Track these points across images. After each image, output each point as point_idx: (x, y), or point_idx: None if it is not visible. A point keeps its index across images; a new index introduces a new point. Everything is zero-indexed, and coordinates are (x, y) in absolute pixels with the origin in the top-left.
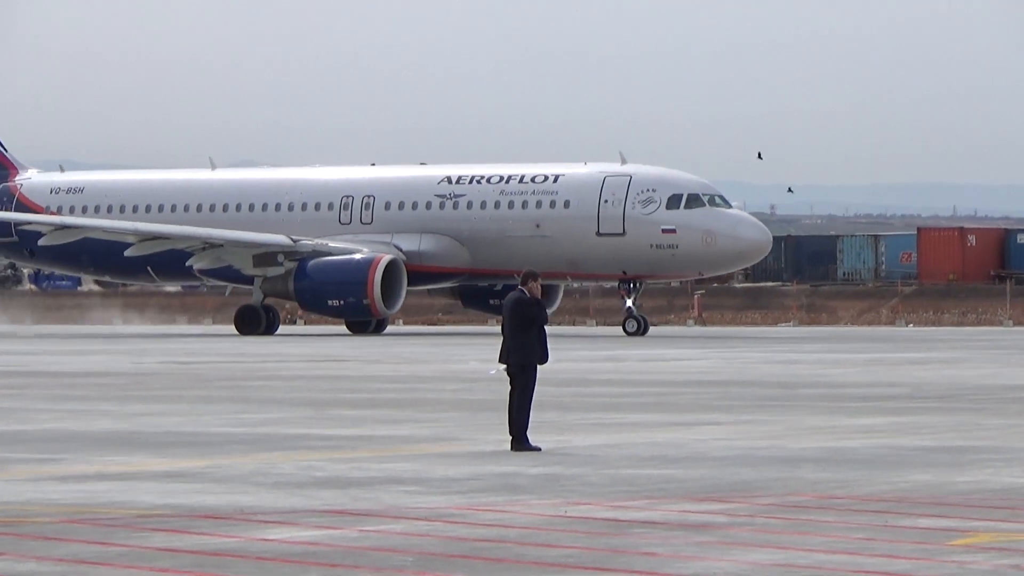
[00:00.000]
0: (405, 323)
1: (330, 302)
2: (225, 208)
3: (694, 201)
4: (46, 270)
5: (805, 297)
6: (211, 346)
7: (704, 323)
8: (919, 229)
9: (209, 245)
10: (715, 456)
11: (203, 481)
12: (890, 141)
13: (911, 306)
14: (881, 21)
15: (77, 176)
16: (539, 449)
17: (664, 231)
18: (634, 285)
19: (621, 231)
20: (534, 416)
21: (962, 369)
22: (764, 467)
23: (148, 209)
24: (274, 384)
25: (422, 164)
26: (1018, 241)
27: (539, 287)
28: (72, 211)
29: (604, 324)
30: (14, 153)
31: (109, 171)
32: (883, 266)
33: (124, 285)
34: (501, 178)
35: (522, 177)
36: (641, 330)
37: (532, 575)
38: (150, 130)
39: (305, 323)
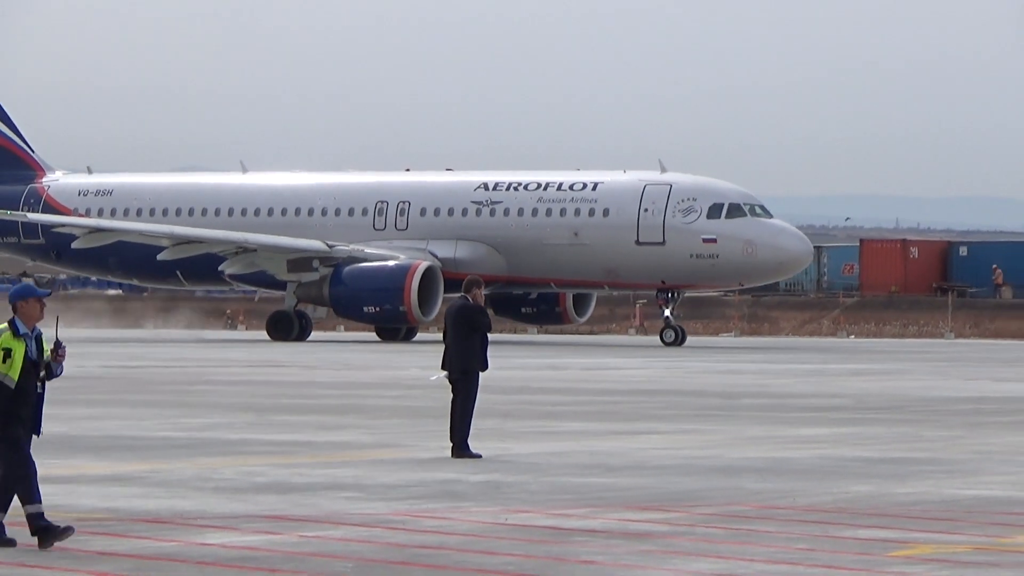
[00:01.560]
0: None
1: (366, 308)
2: (257, 212)
3: (735, 211)
4: (72, 274)
5: (747, 307)
6: (154, 351)
7: (646, 332)
8: (862, 241)
9: (243, 250)
10: (656, 465)
11: (144, 485)
12: (834, 153)
13: (853, 317)
14: (829, 31)
15: (105, 178)
16: (480, 456)
17: (705, 240)
18: (672, 295)
19: (661, 240)
20: (476, 423)
21: (903, 381)
22: (705, 477)
23: (178, 213)
24: (216, 389)
25: (448, 169)
26: (960, 254)
27: (482, 295)
28: (100, 214)
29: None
30: (40, 155)
31: (138, 173)
32: (825, 277)
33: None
34: (539, 185)
35: (560, 184)
36: (679, 340)
37: None
38: (174, 133)
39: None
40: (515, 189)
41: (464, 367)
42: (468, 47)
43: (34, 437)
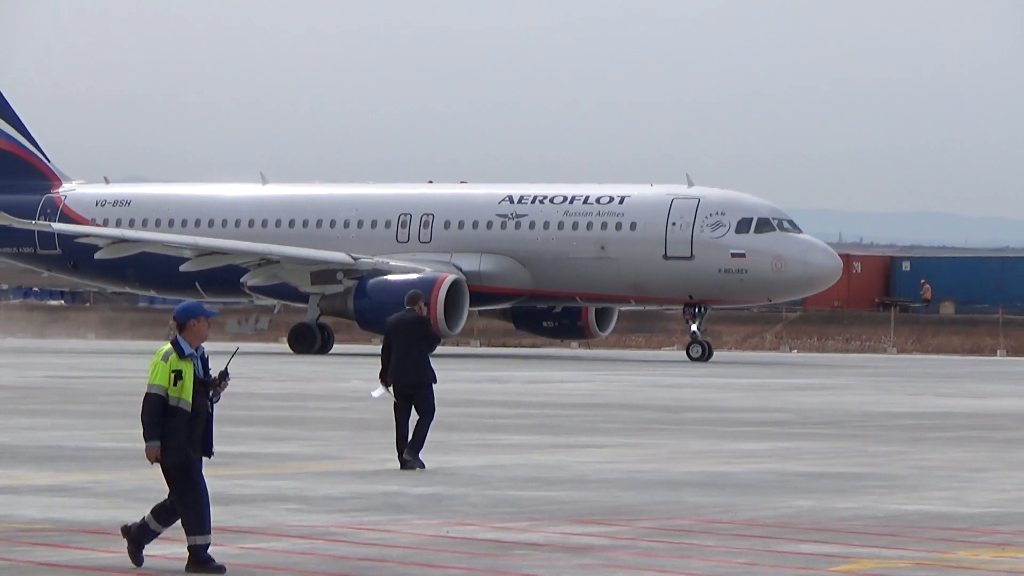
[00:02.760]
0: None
1: None
2: (278, 224)
3: (764, 225)
4: (89, 285)
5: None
6: (96, 361)
7: (588, 346)
8: None
9: (266, 261)
10: (598, 479)
11: (85, 496)
12: (776, 167)
13: (795, 332)
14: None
15: (123, 189)
16: (424, 467)
17: (733, 255)
18: (699, 310)
19: (689, 255)
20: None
21: (846, 396)
22: (647, 490)
23: (198, 224)
24: None
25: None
26: (903, 269)
27: (424, 307)
28: (119, 224)
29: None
30: (56, 164)
31: (156, 184)
32: None
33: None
34: (565, 198)
35: (586, 198)
36: (705, 355)
37: None
38: (191, 144)
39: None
40: (540, 202)
41: (420, 380)
42: (491, 58)
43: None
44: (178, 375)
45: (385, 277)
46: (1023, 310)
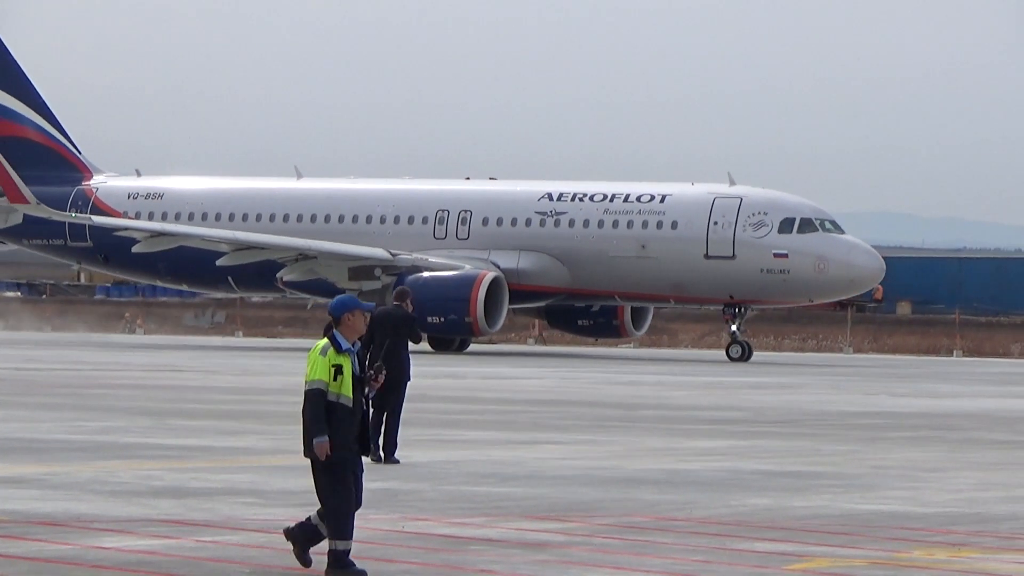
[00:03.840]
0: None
1: (430, 319)
2: (313, 219)
3: (807, 226)
4: (120, 278)
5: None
6: (52, 353)
7: (544, 342)
8: None
9: (303, 256)
10: (554, 475)
11: (40, 488)
12: (736, 165)
13: (752, 331)
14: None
15: (156, 181)
16: (398, 462)
17: (776, 255)
18: (739, 310)
19: (731, 254)
20: (374, 432)
21: (802, 394)
22: (603, 487)
23: (232, 218)
24: (114, 393)
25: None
26: None
27: (411, 304)
28: (151, 217)
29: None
30: (87, 156)
31: (189, 177)
32: None
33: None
34: (604, 196)
35: (627, 196)
36: (745, 356)
37: None
38: (222, 137)
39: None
40: (580, 200)
41: (403, 376)
42: (527, 53)
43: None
44: (338, 370)
45: (424, 274)
46: (980, 311)
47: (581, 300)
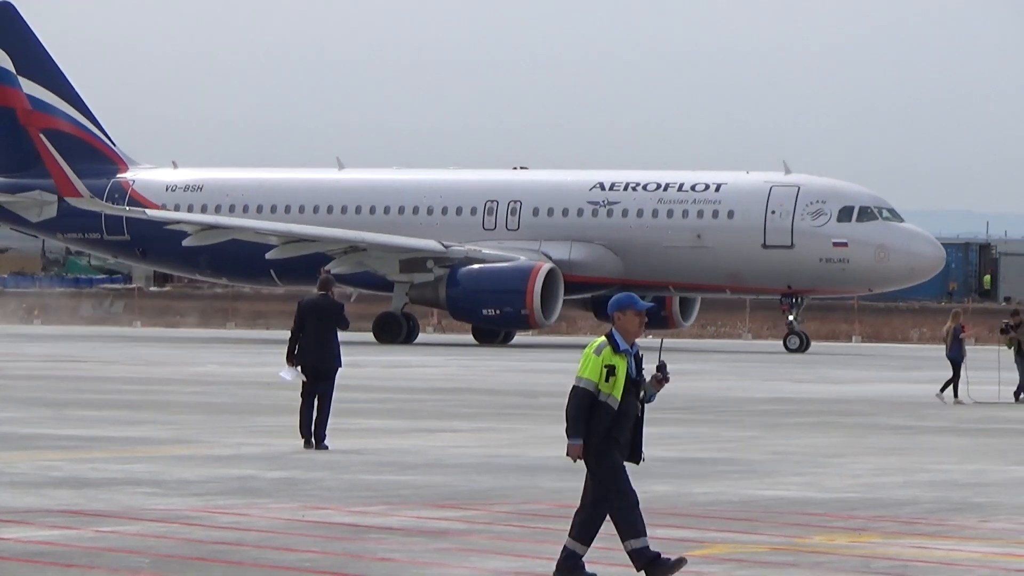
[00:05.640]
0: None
1: (485, 311)
2: (358, 210)
3: (866, 214)
4: (158, 271)
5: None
6: None
7: (444, 330)
8: None
9: (352, 249)
10: (454, 463)
11: None
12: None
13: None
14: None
15: (195, 173)
16: (327, 448)
17: (835, 244)
18: (796, 300)
19: (789, 244)
20: (272, 420)
21: (702, 381)
22: (503, 475)
23: (273, 209)
24: (12, 383)
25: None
26: None
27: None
28: (190, 210)
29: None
30: (122, 148)
31: (228, 168)
32: None
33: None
34: (658, 185)
35: (681, 185)
36: (803, 347)
37: None
38: (259, 127)
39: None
40: (633, 189)
41: (329, 364)
42: (573, 41)
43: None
44: (611, 371)
45: (478, 266)
46: (879, 297)
47: (634, 291)
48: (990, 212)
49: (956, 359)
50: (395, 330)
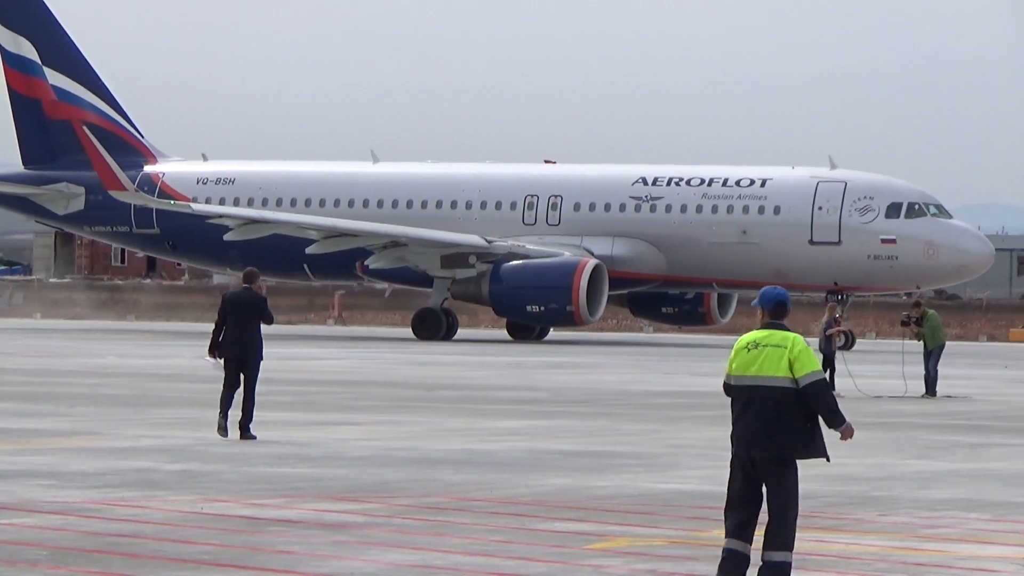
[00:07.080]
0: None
1: (529, 308)
2: (395, 204)
3: (915, 211)
4: (188, 265)
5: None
6: None
7: (344, 323)
8: None
9: (392, 244)
10: (353, 456)
11: None
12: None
13: None
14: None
15: (226, 166)
16: (255, 437)
17: (884, 241)
18: (841, 297)
19: (836, 240)
20: (172, 413)
21: (601, 374)
22: (402, 468)
23: (307, 203)
24: None
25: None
26: None
27: (263, 286)
28: (222, 203)
29: None
30: (151, 140)
31: (260, 161)
32: None
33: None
34: (702, 180)
35: (725, 180)
36: (850, 344)
37: (168, 572)
38: (290, 120)
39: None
40: (676, 184)
41: (257, 356)
42: (610, 33)
43: None
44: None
45: (522, 262)
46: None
47: (677, 287)
48: None
49: (826, 353)
50: (435, 326)
